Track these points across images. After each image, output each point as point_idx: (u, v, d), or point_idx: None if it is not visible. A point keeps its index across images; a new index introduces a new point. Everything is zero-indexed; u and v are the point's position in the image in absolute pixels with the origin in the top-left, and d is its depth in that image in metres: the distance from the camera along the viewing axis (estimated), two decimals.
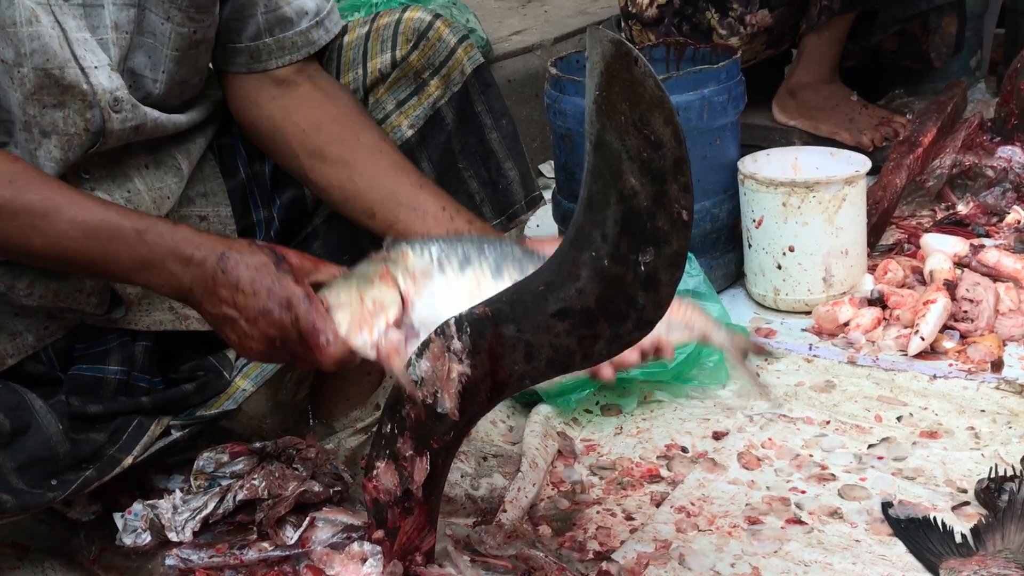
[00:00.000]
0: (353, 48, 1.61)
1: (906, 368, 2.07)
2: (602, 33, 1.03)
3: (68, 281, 1.39)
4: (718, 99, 2.28)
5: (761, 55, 2.79)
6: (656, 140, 1.03)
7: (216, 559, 1.43)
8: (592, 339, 1.15)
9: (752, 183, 2.26)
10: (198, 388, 1.50)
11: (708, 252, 2.37)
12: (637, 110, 1.03)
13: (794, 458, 1.85)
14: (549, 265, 1.17)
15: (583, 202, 1.11)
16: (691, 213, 1.05)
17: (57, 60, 1.32)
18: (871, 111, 2.81)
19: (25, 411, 1.31)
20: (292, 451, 1.53)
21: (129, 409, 1.44)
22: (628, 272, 1.09)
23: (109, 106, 1.37)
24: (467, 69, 1.59)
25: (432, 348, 1.27)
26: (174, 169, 1.49)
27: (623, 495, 1.80)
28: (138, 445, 1.43)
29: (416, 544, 1.37)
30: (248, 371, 1.54)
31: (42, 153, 1.35)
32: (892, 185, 2.51)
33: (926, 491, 1.73)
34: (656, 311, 1.10)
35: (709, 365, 2.04)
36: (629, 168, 1.05)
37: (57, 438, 1.34)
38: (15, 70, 1.30)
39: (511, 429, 1.98)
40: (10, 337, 1.40)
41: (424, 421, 1.30)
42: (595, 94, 1.05)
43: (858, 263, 2.29)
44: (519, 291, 1.20)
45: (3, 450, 1.28)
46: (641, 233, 1.07)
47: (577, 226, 1.12)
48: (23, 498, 1.30)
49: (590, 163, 1.08)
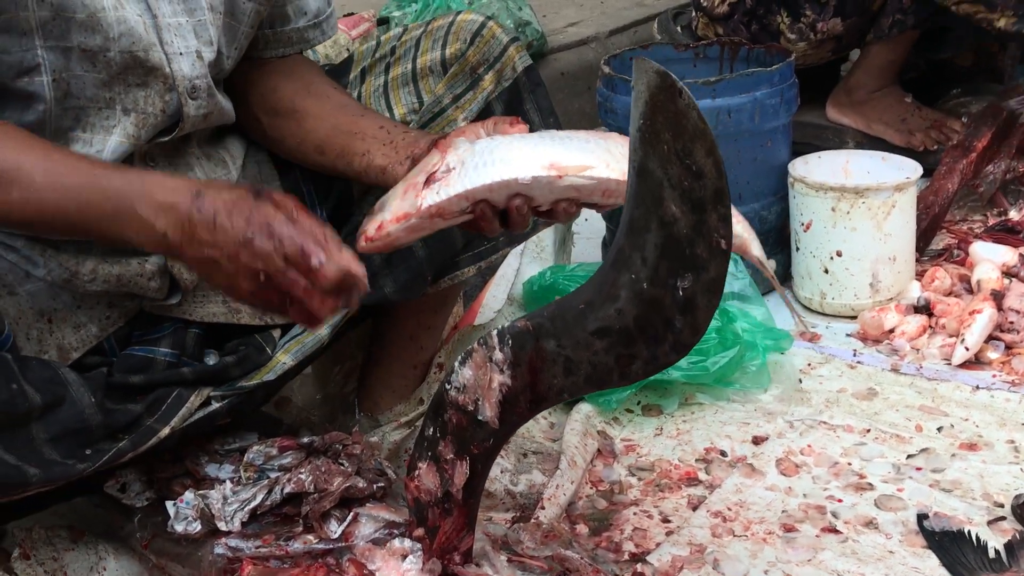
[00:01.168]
0: (406, 45, 1.66)
1: (949, 378, 2.07)
2: (648, 64, 1.06)
3: (129, 266, 1.44)
4: (770, 102, 2.28)
5: (824, 59, 2.78)
6: (698, 170, 1.05)
7: (263, 549, 1.48)
8: (629, 359, 1.18)
9: (802, 187, 2.27)
10: (239, 361, 1.52)
11: None
12: (680, 140, 1.05)
13: (832, 466, 1.87)
14: (590, 284, 1.20)
15: (624, 224, 1.14)
16: (730, 242, 1.07)
17: (143, 43, 1.38)
18: (924, 113, 2.80)
19: (59, 384, 1.33)
20: (338, 446, 1.57)
21: (170, 380, 1.47)
22: (666, 296, 1.11)
23: (187, 92, 1.44)
24: (518, 67, 1.62)
25: (475, 357, 1.31)
26: (222, 163, 1.56)
27: (660, 497, 1.83)
28: (176, 416, 1.44)
29: (455, 544, 1.41)
30: (289, 346, 1.57)
31: (118, 131, 1.40)
32: (944, 190, 2.50)
33: (963, 504, 1.74)
34: (693, 336, 1.12)
35: (751, 369, 2.06)
36: (670, 196, 1.08)
37: (90, 410, 1.35)
38: (101, 55, 1.36)
39: (552, 426, 2.01)
40: (74, 329, 1.45)
41: (465, 427, 1.34)
42: (639, 123, 1.08)
43: (906, 269, 2.29)
44: (560, 308, 1.23)
45: (36, 422, 1.30)
46: (680, 259, 1.09)
47: (618, 248, 1.15)
48: (52, 470, 1.31)
49: (632, 188, 1.11)
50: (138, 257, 1.45)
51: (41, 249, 1.41)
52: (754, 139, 2.30)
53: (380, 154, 1.47)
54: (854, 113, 2.82)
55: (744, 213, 2.31)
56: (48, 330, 1.43)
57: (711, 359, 2.02)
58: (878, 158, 2.37)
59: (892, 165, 2.33)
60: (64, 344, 1.44)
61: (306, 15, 1.62)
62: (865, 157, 2.40)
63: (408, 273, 1.62)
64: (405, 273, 1.62)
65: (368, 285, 1.28)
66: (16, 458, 1.27)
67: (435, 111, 1.62)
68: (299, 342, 1.58)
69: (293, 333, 1.59)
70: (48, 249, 1.41)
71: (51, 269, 1.42)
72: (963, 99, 3.00)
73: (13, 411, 1.27)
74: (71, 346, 1.45)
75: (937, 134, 2.74)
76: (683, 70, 2.51)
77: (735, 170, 2.31)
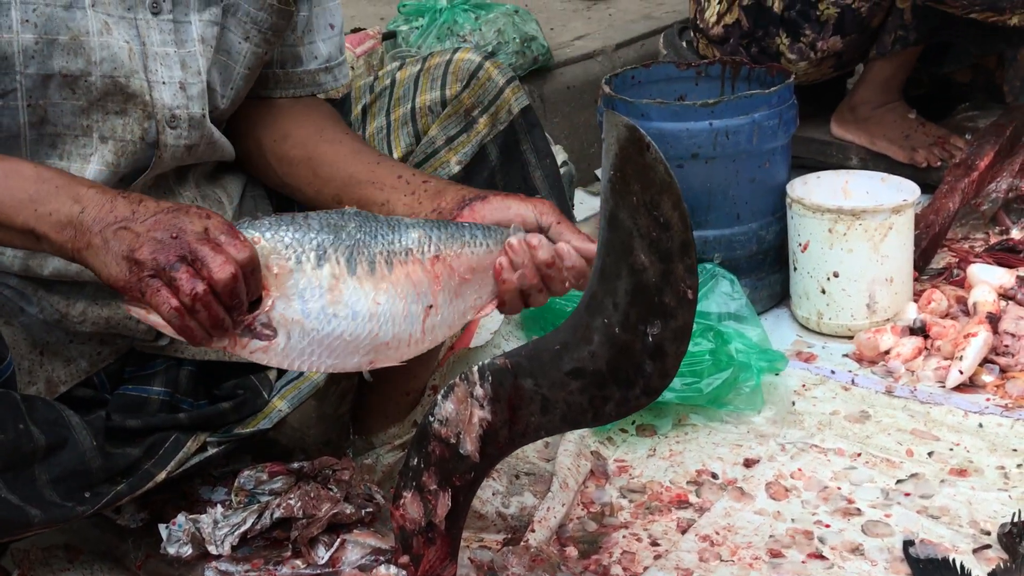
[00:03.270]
0: (404, 85, 1.68)
1: (942, 402, 2.08)
2: (617, 118, 1.08)
3: (119, 309, 1.47)
4: (769, 123, 2.30)
5: (827, 76, 2.79)
6: (664, 222, 1.07)
7: (252, 573, 1.51)
8: (603, 400, 1.20)
9: (799, 207, 2.28)
10: (236, 406, 1.55)
11: (754, 272, 2.40)
12: (648, 192, 1.07)
13: (822, 490, 1.88)
14: (566, 326, 1.22)
15: (596, 271, 1.16)
16: (695, 292, 1.09)
17: (124, 69, 1.39)
18: (928, 129, 2.80)
19: (62, 427, 1.36)
20: (328, 472, 1.60)
21: (167, 425, 1.49)
22: (636, 341, 1.14)
23: (166, 121, 1.43)
24: (514, 109, 1.64)
25: (456, 392, 1.33)
26: (217, 202, 1.56)
27: (650, 520, 1.85)
28: (173, 460, 1.48)
29: (438, 572, 1.44)
30: (286, 392, 1.60)
31: (95, 159, 1.41)
32: (945, 208, 2.51)
33: (949, 531, 1.76)
34: (662, 380, 1.14)
35: (745, 390, 2.08)
36: (640, 245, 1.10)
37: (91, 453, 1.38)
38: (82, 80, 1.37)
39: (547, 445, 2.03)
40: (64, 364, 1.48)
41: (448, 459, 1.37)
42: (610, 173, 1.10)
43: (903, 291, 2.30)
44: (537, 347, 1.25)
45: (39, 464, 1.32)
46: (649, 306, 1.12)
47: (591, 292, 1.17)
48: (52, 512, 1.33)
49: (604, 236, 1.13)
50: None
51: (33, 288, 1.44)
52: (753, 159, 2.31)
53: (401, 204, 1.45)
54: (858, 129, 2.82)
55: (743, 233, 2.36)
56: (39, 362, 1.46)
57: (705, 380, 2.04)
58: (877, 179, 2.38)
59: (891, 186, 2.34)
60: (53, 377, 1.47)
61: (316, 59, 1.60)
62: (864, 177, 2.41)
63: None
64: None
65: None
66: (19, 499, 1.30)
67: (428, 152, 1.64)
68: (295, 387, 1.61)
69: (289, 377, 1.61)
70: (40, 289, 1.44)
71: (43, 308, 1.45)
72: (969, 114, 3.00)
73: (18, 451, 1.29)
74: (60, 380, 1.48)
75: (940, 151, 2.74)
76: (685, 88, 2.53)
77: (733, 190, 2.33)
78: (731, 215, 2.34)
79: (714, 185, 2.31)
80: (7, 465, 1.28)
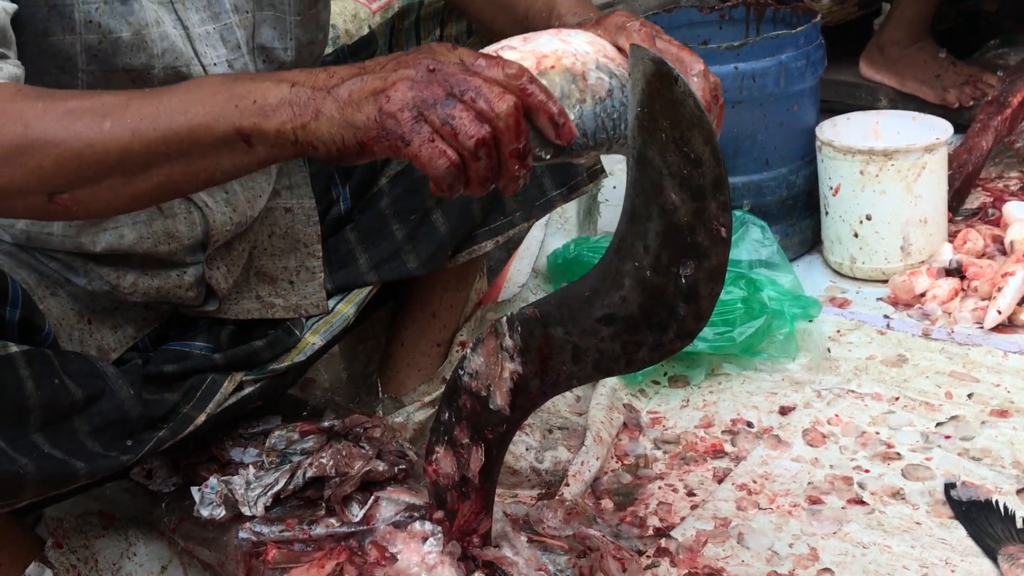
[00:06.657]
0: (431, 21, 1.65)
1: (981, 343, 2.04)
2: (643, 52, 1.04)
3: (168, 278, 1.45)
4: (796, 64, 2.25)
5: (852, 15, 2.73)
6: (696, 158, 1.04)
7: (286, 533, 1.50)
8: (636, 345, 1.17)
9: (829, 150, 2.23)
10: (268, 344, 1.54)
11: (785, 218, 2.36)
12: (678, 128, 1.04)
13: (860, 435, 1.85)
14: (595, 272, 1.19)
15: (626, 213, 1.12)
16: (730, 230, 1.06)
17: (184, 58, 1.35)
18: (959, 68, 2.74)
19: (97, 377, 1.33)
20: (359, 429, 1.58)
21: (204, 367, 1.48)
22: (669, 283, 1.10)
23: None
24: None
25: (486, 344, 1.30)
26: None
27: (686, 470, 1.82)
28: (211, 402, 1.46)
29: (473, 527, 1.42)
30: (317, 327, 1.58)
31: None
32: (978, 147, 2.45)
33: (991, 472, 1.72)
34: (697, 323, 1.11)
35: (779, 338, 2.05)
36: (670, 184, 1.06)
37: (129, 401, 1.35)
38: (145, 73, 1.32)
39: (578, 399, 2.01)
40: (112, 330, 1.46)
41: (479, 412, 1.34)
42: (637, 110, 1.06)
43: (937, 232, 2.26)
44: (566, 295, 1.22)
45: (78, 416, 1.30)
46: (681, 247, 1.08)
47: (620, 236, 1.14)
48: (97, 462, 1.31)
49: (632, 176, 1.10)
50: (177, 269, 1.46)
51: (83, 261, 1.42)
52: (780, 103, 2.27)
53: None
54: (887, 70, 2.77)
55: (772, 178, 2.32)
56: (88, 331, 1.44)
57: (738, 329, 2.01)
58: (908, 118, 2.33)
59: (923, 125, 2.28)
60: (103, 345, 1.45)
61: None
62: (895, 117, 2.36)
63: (431, 248, 1.62)
64: (428, 248, 1.62)
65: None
66: (62, 452, 1.28)
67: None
68: (327, 322, 1.59)
69: (320, 315, 1.60)
70: (89, 262, 1.42)
71: (91, 279, 1.43)
72: (1000, 51, 2.94)
73: (57, 405, 1.27)
74: (110, 347, 1.46)
75: (972, 90, 2.68)
76: (708, 32, 2.48)
77: (761, 135, 2.28)
78: (759, 160, 2.30)
79: (741, 130, 2.27)
80: (47, 420, 1.26)
